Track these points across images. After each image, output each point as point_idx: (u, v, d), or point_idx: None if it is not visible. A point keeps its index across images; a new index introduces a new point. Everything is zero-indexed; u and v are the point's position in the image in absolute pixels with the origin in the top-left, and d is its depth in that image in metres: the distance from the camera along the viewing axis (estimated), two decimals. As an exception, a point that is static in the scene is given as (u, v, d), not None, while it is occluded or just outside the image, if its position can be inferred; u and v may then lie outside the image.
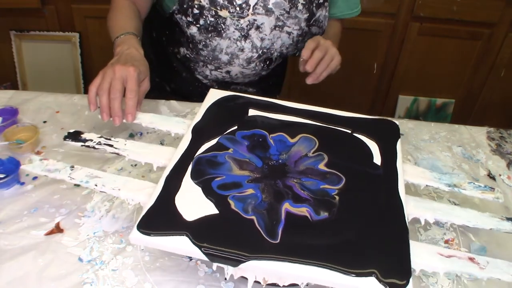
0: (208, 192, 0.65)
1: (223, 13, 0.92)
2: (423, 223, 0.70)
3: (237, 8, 0.92)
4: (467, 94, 2.02)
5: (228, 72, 1.05)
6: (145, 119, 0.82)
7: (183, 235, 0.58)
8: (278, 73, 1.20)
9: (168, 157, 0.73)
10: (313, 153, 0.75)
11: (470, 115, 2.09)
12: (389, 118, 0.87)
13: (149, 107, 1.02)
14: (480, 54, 1.89)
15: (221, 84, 1.11)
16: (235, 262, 0.57)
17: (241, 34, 0.96)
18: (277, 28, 0.97)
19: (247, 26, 0.95)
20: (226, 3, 0.91)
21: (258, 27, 0.95)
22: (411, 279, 0.56)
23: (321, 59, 0.90)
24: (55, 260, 0.67)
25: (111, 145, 0.75)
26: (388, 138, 0.81)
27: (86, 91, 1.99)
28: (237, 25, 0.95)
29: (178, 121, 0.82)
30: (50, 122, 0.95)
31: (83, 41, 1.90)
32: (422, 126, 1.06)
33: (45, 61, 1.93)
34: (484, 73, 1.96)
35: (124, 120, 0.78)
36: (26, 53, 1.91)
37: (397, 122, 0.86)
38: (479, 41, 1.86)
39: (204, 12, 0.93)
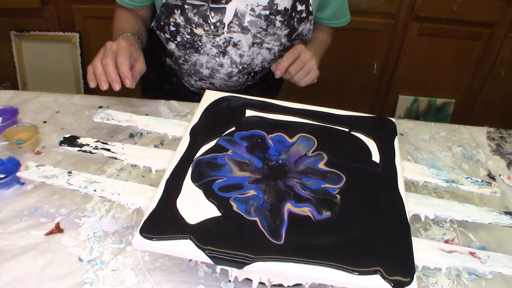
0: (210, 194, 0.65)
1: (198, 31, 0.91)
2: (423, 219, 0.70)
3: (212, 27, 0.91)
4: (467, 94, 2.02)
5: (212, 83, 1.05)
6: (141, 121, 0.82)
7: (187, 239, 0.58)
8: (271, 79, 1.19)
9: (167, 160, 0.72)
10: (312, 152, 0.75)
11: (470, 115, 2.08)
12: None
13: (149, 108, 1.02)
14: (480, 54, 1.89)
15: None
16: (240, 264, 0.57)
17: (218, 50, 0.95)
18: (255, 45, 0.95)
19: (223, 43, 0.94)
20: (201, 21, 0.90)
21: (235, 44, 0.94)
22: (415, 276, 0.57)
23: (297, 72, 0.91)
24: (55, 260, 0.67)
25: (108, 149, 0.75)
26: (385, 135, 0.81)
27: (86, 91, 2.00)
28: (213, 42, 0.94)
29: (175, 123, 0.82)
30: (50, 122, 0.95)
31: (83, 41, 1.90)
32: (422, 126, 1.06)
33: (45, 61, 1.93)
34: (484, 73, 1.96)
35: (129, 85, 0.78)
36: (26, 53, 1.91)
37: (394, 120, 0.86)
38: (479, 41, 1.86)
39: (180, 29, 0.93)
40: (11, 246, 0.69)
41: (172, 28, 0.94)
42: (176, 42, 0.96)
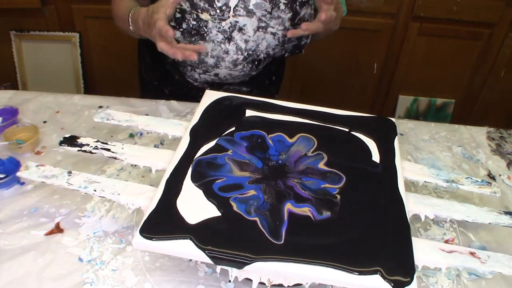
0: (210, 194, 0.65)
1: (204, 16, 0.92)
2: (423, 219, 0.70)
3: (218, 11, 0.92)
4: (467, 94, 2.02)
5: (216, 74, 1.05)
6: (141, 121, 0.82)
7: (187, 239, 0.58)
8: (273, 72, 1.19)
9: (167, 160, 0.72)
10: (312, 152, 0.75)
11: (470, 115, 2.08)
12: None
13: (149, 108, 1.02)
14: (480, 54, 1.89)
15: (212, 86, 1.10)
16: (240, 264, 0.57)
17: (224, 36, 0.96)
18: (260, 29, 0.96)
19: (229, 28, 0.95)
20: (206, 6, 0.91)
21: (240, 29, 0.95)
22: (415, 276, 0.57)
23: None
24: (55, 260, 0.67)
25: (108, 149, 0.75)
26: (386, 135, 0.81)
27: (86, 91, 2.00)
28: (219, 27, 0.94)
29: (175, 123, 0.82)
30: (50, 122, 0.95)
31: (83, 41, 1.90)
32: (422, 126, 1.06)
33: (45, 61, 1.93)
34: (484, 73, 1.95)
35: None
36: (26, 53, 1.91)
37: (394, 120, 0.86)
38: (479, 41, 1.86)
39: (186, 16, 0.93)
40: (11, 246, 0.69)
41: (178, 15, 0.94)
42: (181, 29, 0.96)
